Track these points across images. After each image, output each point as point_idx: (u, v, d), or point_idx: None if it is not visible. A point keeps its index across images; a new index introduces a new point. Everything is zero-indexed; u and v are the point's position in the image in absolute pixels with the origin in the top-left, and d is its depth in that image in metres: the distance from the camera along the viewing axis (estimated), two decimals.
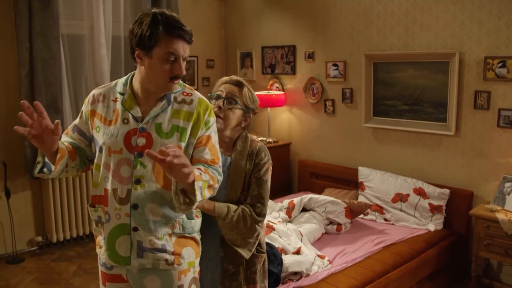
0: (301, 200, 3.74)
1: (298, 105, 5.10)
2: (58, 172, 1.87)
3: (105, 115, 1.88)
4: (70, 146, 1.94)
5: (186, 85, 1.95)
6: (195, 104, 1.87)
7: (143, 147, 1.80)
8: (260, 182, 2.12)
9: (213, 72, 5.76)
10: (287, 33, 5.11)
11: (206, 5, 5.62)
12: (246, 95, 2.18)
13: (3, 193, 4.20)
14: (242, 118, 2.19)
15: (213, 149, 1.88)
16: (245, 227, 2.06)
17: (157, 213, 1.83)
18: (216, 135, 1.93)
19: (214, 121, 1.93)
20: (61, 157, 1.83)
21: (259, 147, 2.16)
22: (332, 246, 3.41)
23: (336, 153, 4.79)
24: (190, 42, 1.81)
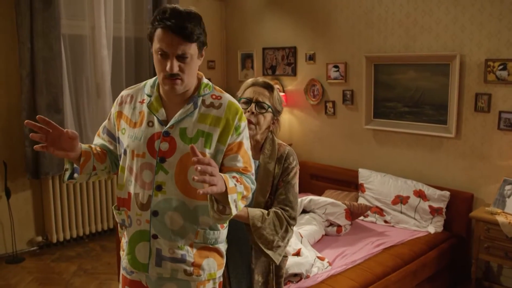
0: (301, 201, 3.74)
1: (299, 107, 5.10)
2: (86, 176, 1.84)
3: (130, 117, 1.82)
4: (99, 149, 1.90)
5: (216, 87, 1.85)
6: (224, 108, 1.76)
7: (165, 152, 1.72)
8: (288, 186, 2.09)
9: (214, 73, 5.76)
10: (288, 34, 5.12)
11: (207, 6, 5.63)
12: (275, 98, 2.14)
13: (3, 193, 4.21)
14: (271, 122, 2.15)
15: (246, 156, 1.79)
16: (281, 229, 2.03)
17: (178, 222, 1.75)
18: (248, 141, 1.83)
19: (246, 125, 1.82)
20: (85, 161, 1.80)
21: (287, 151, 2.13)
22: (332, 248, 3.41)
23: (336, 155, 4.79)
24: (188, 40, 1.64)
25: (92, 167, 1.83)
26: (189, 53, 1.65)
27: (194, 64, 1.70)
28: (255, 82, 2.16)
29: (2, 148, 4.22)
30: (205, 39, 1.73)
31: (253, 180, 1.80)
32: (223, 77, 5.85)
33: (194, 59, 1.69)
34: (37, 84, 4.13)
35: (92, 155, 1.83)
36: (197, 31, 1.66)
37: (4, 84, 4.15)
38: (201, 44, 1.70)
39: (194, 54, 1.68)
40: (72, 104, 4.52)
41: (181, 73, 1.67)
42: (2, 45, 4.12)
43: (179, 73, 1.67)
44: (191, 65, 1.69)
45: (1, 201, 4.24)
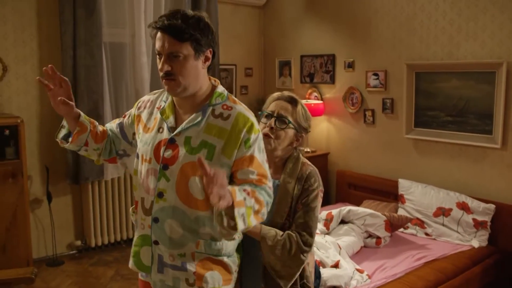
0: (340, 212, 3.67)
1: (337, 115, 5.03)
2: (76, 147, 1.89)
3: (146, 122, 1.84)
4: (101, 128, 1.94)
5: (231, 97, 1.80)
6: (232, 120, 1.69)
7: (168, 159, 1.70)
8: (307, 210, 1.95)
9: (252, 80, 5.76)
10: (327, 41, 5.06)
11: (246, 14, 5.63)
12: (299, 113, 2.04)
13: (45, 196, 4.30)
14: (294, 138, 2.04)
15: (260, 168, 1.70)
16: (289, 255, 1.90)
17: (177, 231, 1.71)
18: (262, 154, 1.73)
19: (258, 137, 1.72)
20: (79, 132, 1.84)
21: (309, 171, 2.00)
22: (371, 260, 3.32)
23: (375, 164, 4.69)
24: (178, 38, 1.61)
25: (84, 142, 1.87)
26: (181, 52, 1.62)
27: (190, 65, 1.65)
28: (280, 96, 2.09)
29: (45, 153, 4.32)
30: (205, 41, 1.67)
31: (270, 193, 1.70)
32: (261, 84, 5.84)
33: (190, 60, 1.64)
34: (79, 91, 4.22)
35: (89, 131, 1.87)
36: (190, 31, 1.61)
37: None
38: (197, 45, 1.64)
39: (188, 54, 1.64)
40: (112, 110, 4.59)
41: (174, 73, 1.64)
42: (46, 53, 4.23)
43: (172, 73, 1.64)
44: (185, 66, 1.64)
45: (43, 205, 4.34)
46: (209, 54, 1.70)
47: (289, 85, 5.48)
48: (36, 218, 4.33)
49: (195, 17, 1.65)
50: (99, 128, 1.93)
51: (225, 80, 5.49)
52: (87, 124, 1.86)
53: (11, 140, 3.81)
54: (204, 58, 1.69)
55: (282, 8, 5.54)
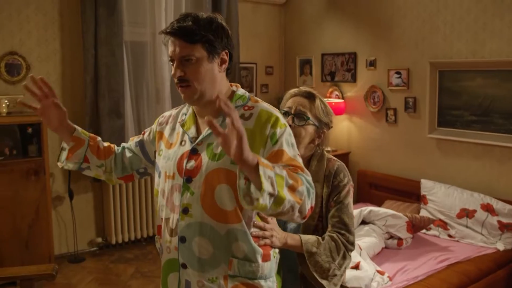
0: (361, 212, 3.62)
1: (358, 114, 4.97)
2: (75, 165, 1.76)
3: (168, 138, 1.72)
4: (106, 144, 1.83)
5: (254, 98, 1.66)
6: (254, 118, 1.56)
7: (191, 171, 1.57)
8: (341, 207, 1.84)
9: (272, 79, 5.73)
10: (348, 39, 5.01)
11: (266, 12, 5.61)
12: (318, 108, 1.92)
13: (66, 194, 4.35)
14: (315, 135, 1.93)
15: (292, 161, 1.49)
16: (338, 256, 1.79)
17: (207, 250, 1.55)
18: (291, 147, 1.54)
19: (285, 131, 1.54)
20: (75, 147, 1.72)
21: (337, 166, 1.91)
22: (392, 262, 3.27)
23: (397, 164, 4.62)
24: (188, 40, 1.51)
25: (83, 158, 1.75)
26: (193, 55, 1.51)
27: (204, 69, 1.53)
28: (297, 92, 1.99)
29: None
30: (219, 42, 1.55)
31: (309, 180, 1.45)
32: (281, 83, 5.81)
33: (203, 63, 1.53)
34: (100, 90, 4.25)
35: (87, 145, 1.74)
36: (201, 32, 1.51)
37: (69, 89, 4.30)
38: (210, 47, 1.53)
39: (201, 57, 1.52)
40: (132, 109, 4.62)
41: (189, 79, 1.54)
42: (68, 52, 4.27)
43: (186, 78, 1.54)
44: (199, 70, 1.53)
45: (65, 202, 4.39)
46: (225, 56, 1.58)
47: (310, 84, 5.44)
48: (58, 215, 4.38)
49: (207, 18, 1.55)
50: (102, 143, 1.82)
51: (246, 79, 5.47)
52: (84, 138, 1.75)
53: (34, 138, 3.86)
54: (219, 60, 1.57)
55: (302, 6, 5.50)
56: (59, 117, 1.68)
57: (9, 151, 3.80)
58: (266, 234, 1.61)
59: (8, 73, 4.01)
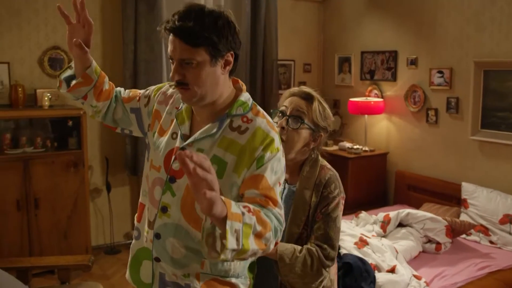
0: (398, 214, 3.54)
1: (398, 113, 4.86)
2: (73, 96, 1.68)
3: (163, 122, 1.62)
4: (108, 87, 1.73)
5: (256, 108, 1.54)
6: (248, 135, 1.46)
7: (176, 172, 1.50)
8: (328, 220, 1.75)
9: (310, 76, 5.67)
10: (389, 37, 4.89)
11: (305, 9, 5.55)
12: (316, 111, 1.82)
13: (104, 186, 4.43)
14: (310, 138, 1.83)
15: (269, 191, 1.41)
16: (311, 271, 1.70)
17: (179, 251, 1.52)
18: (274, 174, 1.44)
19: (275, 157, 1.45)
20: (81, 83, 1.64)
21: (328, 177, 1.80)
22: (430, 267, 3.18)
23: (437, 166, 4.49)
24: (190, 43, 1.38)
25: (83, 95, 1.67)
26: (194, 59, 1.40)
27: (205, 73, 1.42)
28: (295, 92, 1.88)
29: (105, 145, 4.45)
30: (224, 43, 1.42)
31: (280, 219, 1.39)
32: (319, 81, 5.74)
33: (205, 67, 1.41)
34: (139, 85, 4.30)
35: (93, 85, 1.66)
36: (205, 33, 1.38)
37: None
38: (214, 50, 1.41)
39: (203, 61, 1.40)
40: None
41: (188, 82, 1.43)
42: (109, 47, 4.34)
43: (185, 81, 1.43)
44: (200, 74, 1.41)
45: (102, 194, 4.47)
46: (230, 58, 1.46)
47: (349, 82, 5.36)
48: (95, 207, 4.47)
49: (213, 14, 1.41)
50: (106, 85, 1.73)
51: (283, 76, 5.43)
52: (94, 78, 1.65)
53: (74, 131, 3.95)
54: (223, 62, 1.45)
55: (342, 2, 5.41)
56: (85, 38, 1.60)
57: (50, 143, 3.90)
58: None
59: (51, 67, 4.11)
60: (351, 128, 5.37)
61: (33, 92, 3.98)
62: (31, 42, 4.04)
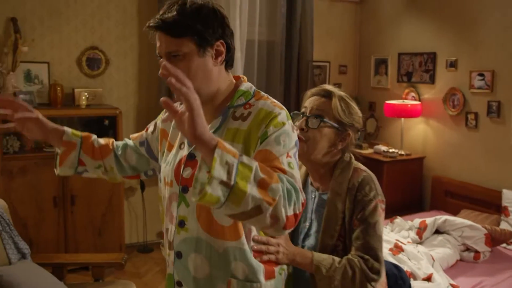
0: (435, 221, 3.44)
1: (436, 117, 4.73)
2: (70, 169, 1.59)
3: (170, 137, 1.53)
4: (103, 142, 1.64)
5: (260, 94, 1.45)
6: (251, 118, 1.36)
7: (188, 180, 1.38)
8: (366, 227, 1.59)
9: (346, 78, 5.60)
10: (427, 38, 4.78)
11: (342, 9, 5.48)
12: (336, 108, 1.67)
13: (138, 185, 4.48)
14: (336, 138, 1.69)
15: (275, 161, 1.27)
16: (353, 285, 1.54)
17: (203, 269, 1.40)
18: (283, 147, 1.30)
19: (279, 130, 1.32)
20: (66, 152, 1.56)
21: (362, 178, 1.65)
22: (467, 276, 3.07)
23: (476, 172, 4.35)
24: (172, 34, 1.31)
25: (77, 161, 1.58)
26: (180, 50, 1.31)
27: (195, 65, 1.33)
28: (314, 92, 1.76)
29: None
30: (211, 32, 1.33)
31: (292, 182, 1.21)
32: (355, 83, 5.66)
33: (193, 58, 1.32)
34: None
35: (79, 148, 1.57)
36: (187, 23, 1.31)
37: (145, 84, 4.42)
38: (200, 39, 1.32)
39: (190, 52, 1.32)
40: None
41: None
42: (145, 48, 4.38)
43: None
44: (189, 66, 1.32)
45: (137, 194, 4.53)
46: (221, 47, 1.36)
47: (385, 84, 5.26)
48: (130, 205, 4.52)
49: (196, 5, 1.34)
50: (98, 142, 1.64)
51: (318, 77, 5.38)
52: (76, 140, 1.57)
53: (110, 130, 4.01)
54: (214, 53, 1.36)
55: (380, 3, 5.32)
56: (37, 124, 1.50)
57: None
58: (270, 249, 1.46)
59: (89, 67, 4.18)
60: (387, 131, 5.27)
61: (71, 92, 4.06)
62: (70, 43, 4.12)
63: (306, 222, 1.75)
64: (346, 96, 1.73)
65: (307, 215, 1.75)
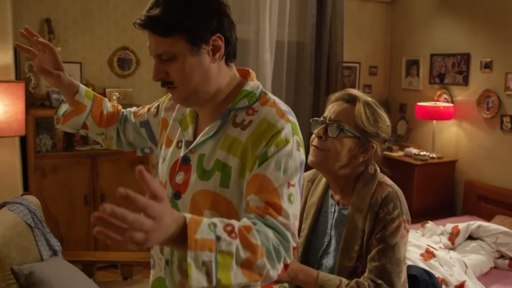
0: (468, 226, 3.35)
1: (469, 120, 4.62)
2: (71, 128, 1.54)
3: (169, 132, 1.41)
4: (111, 110, 1.57)
5: (266, 97, 1.28)
6: (252, 129, 1.19)
7: (180, 185, 1.27)
8: (384, 248, 1.43)
9: (376, 79, 5.52)
10: (461, 39, 4.66)
11: (373, 9, 5.41)
12: (360, 115, 1.51)
13: None
14: (357, 149, 1.53)
15: (271, 195, 1.12)
16: None
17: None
18: (284, 173, 1.14)
19: (281, 151, 1.16)
20: (74, 112, 1.49)
21: (387, 193, 1.49)
22: (502, 284, 2.98)
23: (511, 176, 4.23)
24: (160, 33, 1.17)
25: (81, 124, 1.52)
26: (170, 51, 1.17)
27: (189, 65, 1.18)
28: (337, 97, 1.60)
29: None
30: (204, 26, 1.17)
31: (282, 230, 1.09)
32: (386, 84, 5.57)
33: (186, 58, 1.18)
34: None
35: (88, 111, 1.50)
36: (176, 19, 1.15)
37: None
38: (191, 36, 1.16)
39: (181, 51, 1.17)
40: None
41: (172, 79, 1.21)
42: None
43: (169, 80, 1.21)
44: (183, 67, 1.18)
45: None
46: (219, 42, 1.20)
47: (416, 86, 5.16)
48: None
49: None
50: (107, 107, 1.57)
51: (348, 79, 5.32)
52: (87, 103, 1.50)
53: None
54: (210, 48, 1.20)
55: (412, 3, 5.22)
56: (52, 62, 1.44)
57: None
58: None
59: (120, 67, 4.23)
60: (418, 134, 5.17)
61: (103, 91, 4.11)
62: (102, 43, 4.18)
63: (324, 238, 1.61)
64: (373, 102, 1.57)
65: (326, 231, 1.61)
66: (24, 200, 2.52)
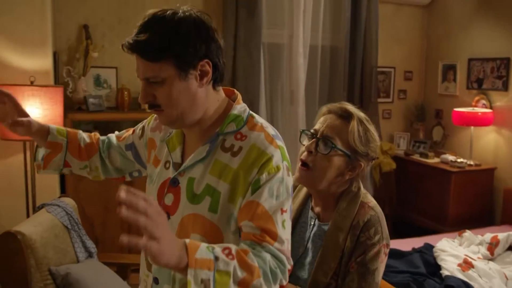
0: (508, 236, 3.24)
1: (509, 126, 4.48)
2: (54, 171, 1.53)
3: (157, 152, 1.41)
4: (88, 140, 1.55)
5: (253, 121, 1.29)
6: (242, 155, 1.22)
7: (169, 207, 1.28)
8: (364, 272, 1.43)
9: (411, 84, 5.42)
10: (501, 43, 4.54)
11: (408, 13, 5.32)
12: (353, 133, 1.49)
13: None
14: (345, 167, 1.51)
15: (266, 222, 1.17)
16: None
17: None
18: (276, 200, 1.19)
19: (273, 178, 1.20)
20: (52, 154, 1.48)
21: (368, 218, 1.47)
22: None
23: None
24: (148, 58, 1.18)
25: (63, 164, 1.50)
26: (158, 76, 1.19)
27: (176, 90, 1.20)
28: (331, 109, 1.55)
29: None
30: (192, 51, 1.19)
31: (279, 255, 1.16)
32: (421, 89, 5.47)
33: (174, 83, 1.19)
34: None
35: (65, 149, 1.49)
36: (165, 44, 1.16)
37: None
38: (179, 62, 1.18)
39: (169, 76, 1.19)
40: (266, 110, 4.67)
41: (159, 103, 1.22)
42: None
43: (156, 103, 1.23)
44: (170, 92, 1.19)
45: None
46: (207, 67, 1.22)
47: (453, 91, 5.04)
48: None
49: (174, 20, 1.18)
50: (84, 140, 1.55)
51: (383, 84, 5.24)
52: (62, 141, 1.49)
53: None
54: (198, 74, 1.22)
55: (449, 7, 5.11)
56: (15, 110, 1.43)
57: None
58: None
59: None
60: (455, 140, 5.04)
61: (137, 96, 4.15)
62: None
63: (300, 248, 1.59)
64: (366, 119, 1.55)
65: (303, 242, 1.59)
66: (61, 202, 2.57)
